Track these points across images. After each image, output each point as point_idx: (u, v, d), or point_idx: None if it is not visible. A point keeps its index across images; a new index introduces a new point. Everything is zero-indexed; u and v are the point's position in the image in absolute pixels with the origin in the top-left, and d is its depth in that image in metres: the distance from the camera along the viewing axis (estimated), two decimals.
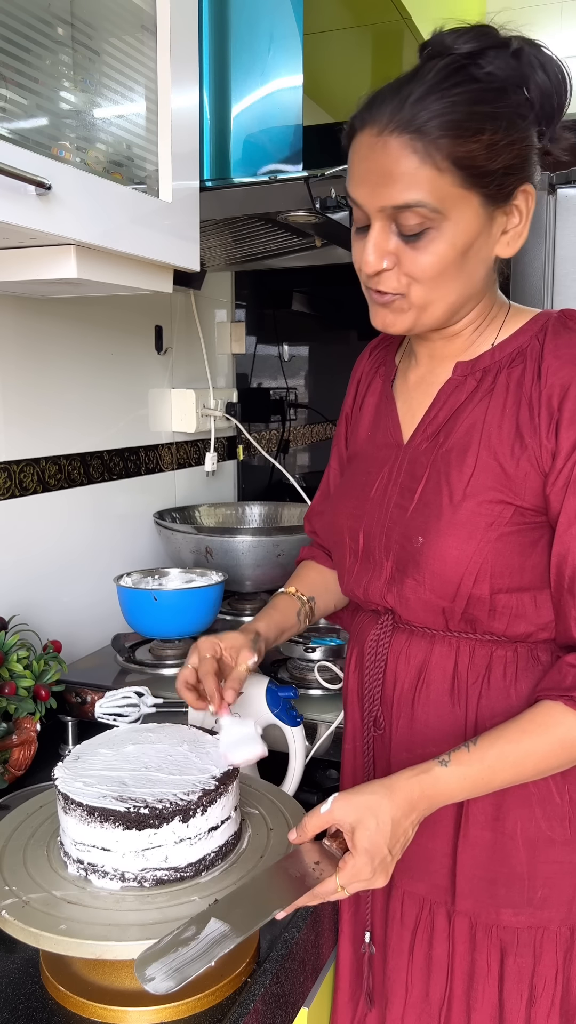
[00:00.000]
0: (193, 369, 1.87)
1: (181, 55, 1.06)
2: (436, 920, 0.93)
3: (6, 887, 0.75)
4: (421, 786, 0.77)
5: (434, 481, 0.88)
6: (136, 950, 0.68)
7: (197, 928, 0.66)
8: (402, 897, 0.95)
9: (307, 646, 1.27)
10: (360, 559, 0.95)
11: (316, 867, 0.75)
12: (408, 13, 1.64)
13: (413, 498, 0.89)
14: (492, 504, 0.84)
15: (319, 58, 1.81)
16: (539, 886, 0.88)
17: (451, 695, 0.89)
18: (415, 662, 0.91)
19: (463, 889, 0.90)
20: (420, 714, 0.90)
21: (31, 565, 1.39)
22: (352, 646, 1.02)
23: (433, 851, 0.91)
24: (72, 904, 0.73)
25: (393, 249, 0.81)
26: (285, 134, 1.32)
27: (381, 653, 0.93)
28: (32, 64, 0.88)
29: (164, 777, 0.80)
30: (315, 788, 1.12)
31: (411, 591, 0.88)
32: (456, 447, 0.87)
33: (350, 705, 1.00)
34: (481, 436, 0.86)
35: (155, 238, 1.03)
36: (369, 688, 0.94)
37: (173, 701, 1.20)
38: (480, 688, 0.88)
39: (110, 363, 1.57)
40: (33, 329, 1.36)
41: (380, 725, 0.94)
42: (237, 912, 0.69)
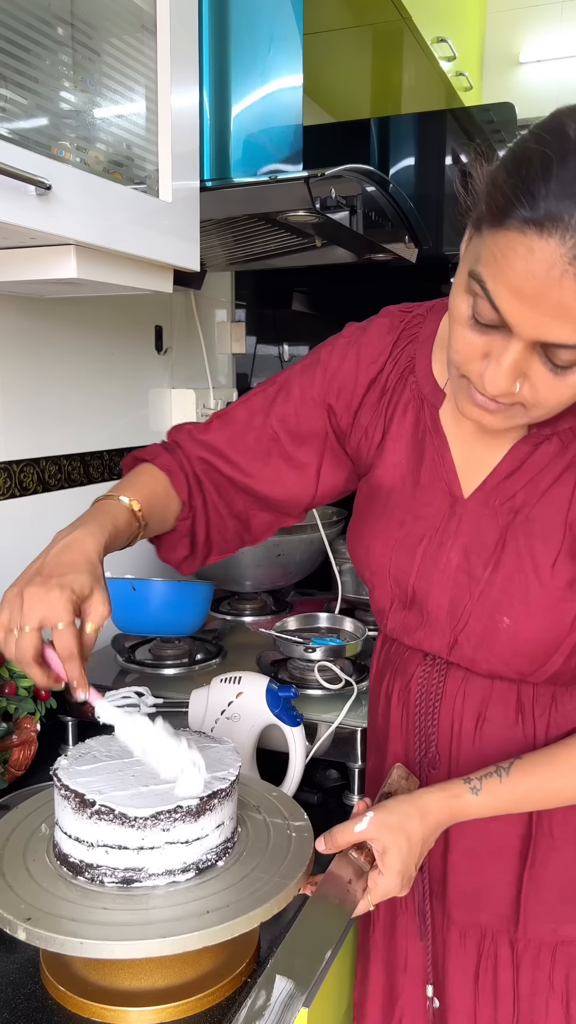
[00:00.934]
0: (193, 369, 1.87)
1: (181, 55, 1.06)
2: (499, 949, 0.91)
3: (7, 887, 0.74)
4: (451, 811, 0.79)
5: (514, 553, 0.80)
6: (136, 950, 0.68)
7: (267, 993, 0.68)
8: (462, 931, 0.92)
9: (307, 646, 1.27)
10: (407, 608, 0.89)
11: (350, 886, 0.76)
12: (408, 13, 1.64)
13: (487, 567, 0.81)
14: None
15: (319, 58, 1.81)
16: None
17: (517, 724, 0.85)
18: (474, 700, 0.86)
19: (528, 914, 0.88)
20: (485, 748, 0.86)
21: None
22: (389, 677, 0.95)
23: (496, 882, 0.90)
24: (72, 904, 0.73)
25: (529, 371, 0.68)
26: (285, 134, 1.32)
27: (433, 691, 0.89)
28: (32, 64, 0.88)
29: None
30: (315, 788, 1.12)
31: (484, 661, 0.84)
32: (539, 518, 0.80)
33: (392, 740, 0.94)
34: (569, 510, 0.79)
35: (155, 238, 1.03)
36: (421, 727, 0.90)
37: (173, 701, 1.20)
38: (548, 716, 0.85)
39: (110, 363, 1.57)
40: (33, 329, 1.36)
41: (436, 764, 0.90)
42: (297, 963, 0.71)
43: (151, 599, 1.32)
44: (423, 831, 0.77)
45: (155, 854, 0.74)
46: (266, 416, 0.94)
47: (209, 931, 0.69)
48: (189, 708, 1.11)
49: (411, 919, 0.97)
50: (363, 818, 0.77)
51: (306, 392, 0.93)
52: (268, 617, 1.61)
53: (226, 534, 0.97)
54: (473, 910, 0.91)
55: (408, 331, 0.91)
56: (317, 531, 1.60)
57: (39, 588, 0.70)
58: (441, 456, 0.86)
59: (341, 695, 1.21)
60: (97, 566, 0.74)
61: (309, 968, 0.70)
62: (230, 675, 1.10)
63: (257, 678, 1.08)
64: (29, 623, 0.69)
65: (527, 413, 0.72)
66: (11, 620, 0.71)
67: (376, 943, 1.00)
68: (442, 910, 0.93)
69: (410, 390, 0.89)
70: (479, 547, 0.82)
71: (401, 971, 0.98)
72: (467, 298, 0.69)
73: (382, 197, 1.42)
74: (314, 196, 1.17)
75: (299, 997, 0.67)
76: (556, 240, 0.60)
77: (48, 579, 0.71)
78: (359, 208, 1.30)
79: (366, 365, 0.91)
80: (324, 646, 1.27)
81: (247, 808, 0.87)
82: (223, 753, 0.84)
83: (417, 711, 0.90)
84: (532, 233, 0.60)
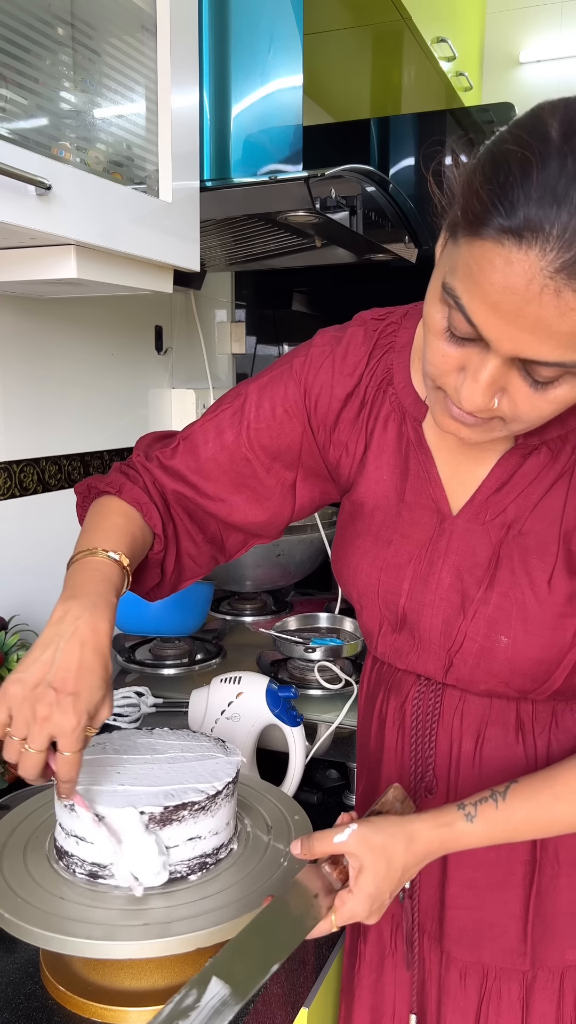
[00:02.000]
0: (193, 369, 1.87)
1: (181, 55, 1.06)
2: (503, 987, 0.85)
3: (7, 887, 0.75)
4: (441, 840, 0.73)
5: (508, 569, 0.76)
6: (136, 950, 0.68)
7: (198, 992, 0.61)
8: (462, 971, 0.86)
9: (307, 646, 1.27)
10: (398, 631, 0.85)
11: (315, 901, 0.70)
12: (408, 13, 1.64)
13: (481, 586, 0.77)
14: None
15: (319, 58, 1.81)
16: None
17: (517, 743, 0.81)
18: (472, 720, 0.82)
19: (537, 947, 0.83)
20: (485, 770, 0.82)
21: (31, 565, 1.38)
22: (381, 697, 0.90)
23: (498, 916, 0.84)
24: (72, 903, 0.73)
25: (508, 385, 0.64)
26: (285, 134, 1.32)
27: (430, 714, 0.84)
28: (32, 64, 0.88)
29: (164, 777, 0.79)
30: (315, 788, 1.12)
31: (482, 681, 0.80)
32: (533, 532, 0.76)
33: (386, 763, 0.89)
34: (562, 522, 0.76)
35: (155, 238, 1.03)
36: (417, 750, 0.86)
37: (173, 701, 1.20)
38: (548, 734, 0.81)
39: (110, 363, 1.57)
40: (33, 329, 1.36)
41: (433, 789, 0.85)
42: (239, 967, 0.64)
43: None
44: (405, 859, 0.71)
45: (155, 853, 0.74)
46: (237, 435, 0.88)
47: (209, 931, 0.70)
48: (189, 708, 1.11)
49: (400, 961, 0.91)
50: (345, 830, 0.71)
51: (278, 405, 0.88)
52: (268, 617, 1.62)
53: (200, 559, 0.93)
54: (475, 948, 0.85)
55: (383, 340, 0.86)
56: (317, 531, 1.60)
57: (51, 706, 0.68)
58: (427, 471, 0.82)
59: (341, 695, 1.21)
60: (109, 663, 0.72)
61: (250, 978, 0.63)
62: (230, 675, 1.10)
63: (257, 678, 1.08)
64: (37, 744, 0.68)
65: (506, 427, 0.68)
66: (17, 730, 0.69)
67: (361, 983, 0.95)
68: (439, 948, 0.87)
69: (390, 402, 0.85)
70: (471, 565, 0.78)
71: (388, 1017, 0.93)
72: (442, 308, 0.64)
73: (382, 197, 1.42)
74: (314, 196, 1.17)
75: (231, 1007, 0.60)
76: (536, 252, 0.55)
77: (62, 694, 0.68)
78: (359, 208, 1.30)
79: (342, 377, 0.86)
80: (324, 646, 1.27)
81: (247, 808, 0.87)
82: (218, 755, 0.84)
83: (413, 734, 0.86)
84: (510, 244, 0.56)
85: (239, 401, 0.90)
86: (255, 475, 0.90)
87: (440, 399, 0.70)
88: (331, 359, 0.87)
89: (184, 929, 0.70)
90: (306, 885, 0.71)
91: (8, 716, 0.69)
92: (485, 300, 0.59)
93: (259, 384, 0.90)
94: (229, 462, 0.89)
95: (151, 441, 0.95)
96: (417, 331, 0.86)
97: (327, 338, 0.89)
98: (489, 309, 0.59)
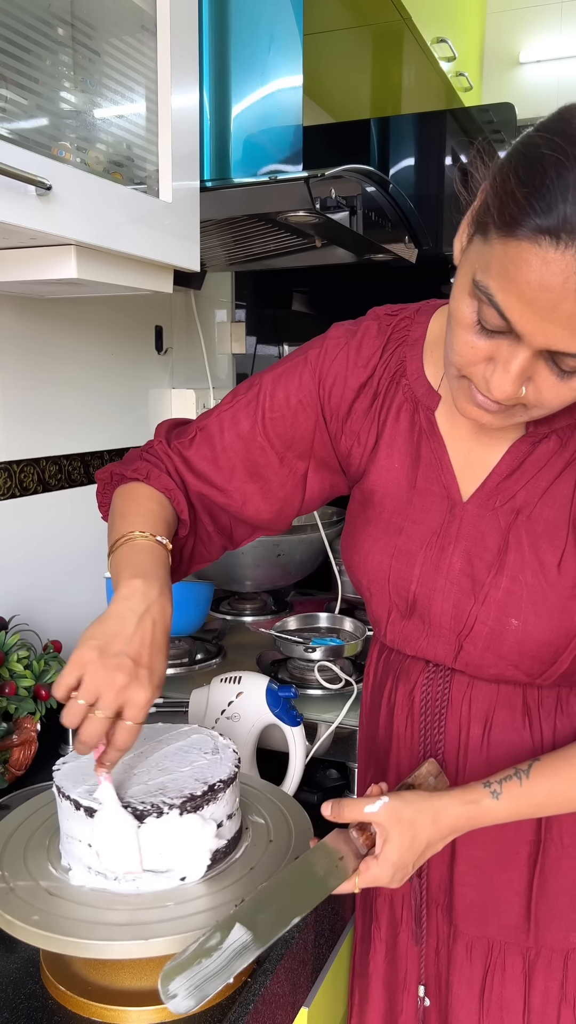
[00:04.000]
0: (193, 369, 1.87)
1: (181, 55, 1.06)
2: (508, 961, 0.88)
3: (7, 887, 0.75)
4: (468, 816, 0.76)
5: (518, 554, 0.79)
6: (136, 950, 0.68)
7: (222, 935, 0.65)
8: (469, 944, 0.90)
9: (307, 646, 1.27)
10: (407, 617, 0.87)
11: (340, 863, 0.74)
12: (408, 13, 1.64)
13: (491, 570, 0.80)
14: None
15: (319, 58, 1.81)
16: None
17: (524, 728, 0.84)
18: (480, 705, 0.85)
19: (540, 923, 0.86)
20: (493, 754, 0.85)
21: (31, 565, 1.38)
22: (390, 685, 0.92)
23: (504, 892, 0.87)
24: (72, 903, 0.73)
25: (534, 374, 0.68)
26: (285, 134, 1.32)
27: (439, 699, 0.87)
28: (32, 64, 0.88)
29: (164, 777, 0.79)
30: (315, 788, 1.12)
31: (491, 665, 0.82)
32: (543, 518, 0.79)
33: (395, 751, 0.92)
34: (571, 507, 0.78)
35: (155, 238, 1.03)
36: (426, 737, 0.88)
37: (173, 701, 1.20)
38: (555, 718, 0.83)
39: (110, 363, 1.57)
40: (33, 329, 1.36)
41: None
42: (261, 918, 0.68)
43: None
44: (431, 834, 0.75)
45: (155, 853, 0.74)
46: (252, 424, 0.91)
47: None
48: (189, 708, 1.11)
49: (411, 936, 0.95)
50: (376, 801, 0.74)
51: (292, 395, 0.90)
52: (268, 617, 1.62)
53: (211, 547, 0.96)
54: (481, 923, 0.88)
55: (396, 334, 0.89)
56: (317, 531, 1.60)
57: (129, 676, 0.71)
58: (439, 459, 0.85)
59: (341, 695, 1.21)
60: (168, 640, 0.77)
61: (271, 927, 0.67)
62: (230, 675, 1.10)
63: (257, 678, 1.08)
64: (109, 710, 0.70)
65: (527, 412, 0.72)
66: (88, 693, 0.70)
67: (376, 964, 0.98)
68: (448, 923, 0.91)
69: (403, 393, 0.87)
70: (481, 550, 0.81)
71: (402, 991, 0.96)
72: (471, 303, 0.67)
73: (382, 197, 1.42)
74: (314, 196, 1.17)
75: (252, 951, 0.65)
76: (573, 251, 0.58)
77: (140, 667, 0.72)
78: (359, 208, 1.30)
79: (356, 368, 0.89)
80: (324, 646, 1.27)
81: (247, 808, 0.87)
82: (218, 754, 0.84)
83: (423, 720, 0.88)
84: (547, 244, 0.59)
85: (254, 391, 0.92)
86: (268, 464, 0.92)
87: (464, 387, 0.73)
88: (345, 351, 0.89)
89: (184, 929, 0.70)
90: (333, 847, 0.75)
91: (77, 680, 0.71)
92: (521, 297, 0.62)
93: (274, 374, 0.92)
94: (244, 451, 0.91)
95: (169, 428, 0.97)
96: (431, 325, 0.88)
97: (342, 331, 0.91)
98: (525, 306, 0.62)
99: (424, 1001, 0.93)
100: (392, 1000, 0.97)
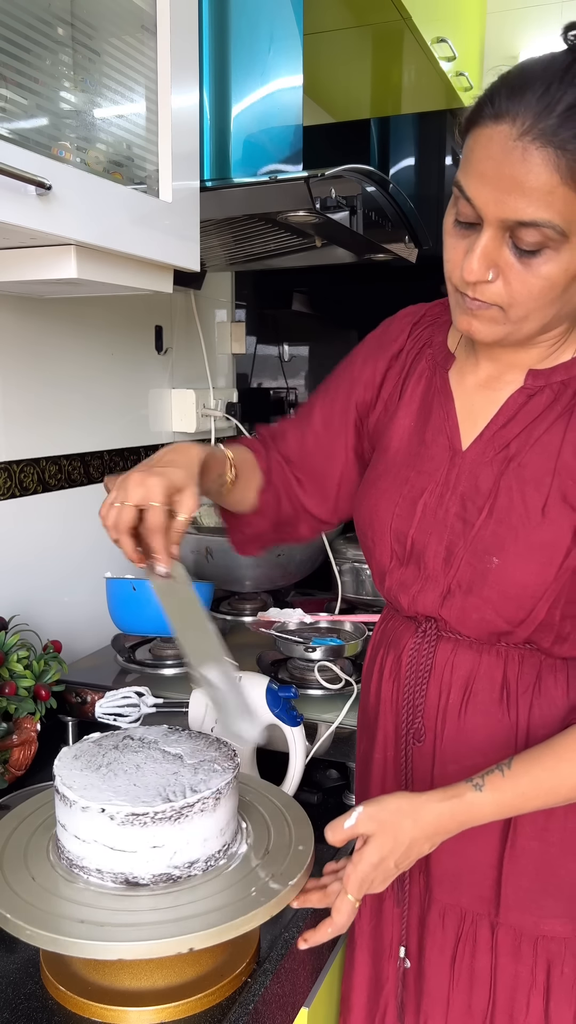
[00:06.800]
0: (193, 369, 1.87)
1: (181, 55, 1.06)
2: (479, 932, 0.91)
3: (7, 887, 0.75)
4: (452, 812, 0.77)
5: (506, 497, 0.84)
6: (136, 950, 0.68)
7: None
8: (443, 911, 0.93)
9: (307, 646, 1.27)
10: (406, 564, 0.91)
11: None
12: (408, 13, 1.64)
13: (481, 513, 0.85)
14: (572, 529, 0.81)
15: (319, 58, 1.80)
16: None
17: (501, 704, 0.87)
18: (461, 672, 0.88)
19: (508, 900, 0.89)
20: (468, 724, 0.88)
21: (31, 565, 1.39)
22: (382, 653, 0.97)
23: (477, 863, 0.90)
24: (72, 903, 0.73)
25: (500, 260, 0.75)
26: (285, 134, 1.32)
27: (423, 663, 0.90)
28: (32, 64, 0.88)
29: (164, 777, 0.79)
30: (315, 788, 1.12)
31: (474, 608, 0.85)
32: (531, 464, 0.83)
33: (383, 716, 0.96)
34: (559, 456, 0.82)
35: (155, 238, 1.03)
36: (409, 698, 0.92)
37: (173, 701, 1.20)
38: (531, 697, 0.86)
39: (110, 363, 1.58)
40: (33, 329, 1.36)
41: (421, 737, 0.91)
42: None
43: (151, 599, 1.31)
44: (414, 832, 0.76)
45: (155, 853, 0.74)
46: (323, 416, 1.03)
47: (209, 931, 0.69)
48: (189, 708, 1.11)
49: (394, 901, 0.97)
50: (352, 813, 0.76)
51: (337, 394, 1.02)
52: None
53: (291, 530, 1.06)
54: (455, 891, 0.91)
55: (429, 316, 0.98)
56: None
57: (142, 474, 0.80)
58: (446, 411, 0.91)
59: (341, 695, 1.21)
60: (195, 468, 0.85)
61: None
62: None
63: (257, 678, 1.08)
64: (129, 500, 0.79)
65: (506, 316, 0.78)
66: (116, 497, 0.81)
67: (362, 930, 1.01)
68: (426, 888, 0.94)
69: (426, 360, 0.95)
70: (474, 495, 0.86)
71: (387, 957, 0.99)
72: (452, 207, 0.78)
73: (382, 197, 1.42)
74: (314, 196, 1.17)
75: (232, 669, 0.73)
76: (506, 124, 0.71)
77: (151, 468, 0.82)
78: (359, 208, 1.30)
79: (390, 341, 0.99)
80: (324, 646, 1.27)
81: (247, 808, 0.87)
82: (218, 757, 0.84)
83: (407, 683, 0.92)
84: (491, 124, 0.72)
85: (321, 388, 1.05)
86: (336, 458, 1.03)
87: (458, 301, 0.81)
88: (383, 328, 1.02)
89: (184, 929, 0.70)
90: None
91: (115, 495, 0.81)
92: (475, 173, 0.74)
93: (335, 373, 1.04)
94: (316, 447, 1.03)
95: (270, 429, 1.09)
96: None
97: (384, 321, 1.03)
98: (479, 180, 0.73)
99: (404, 962, 0.96)
100: (377, 967, 1.00)
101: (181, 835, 0.75)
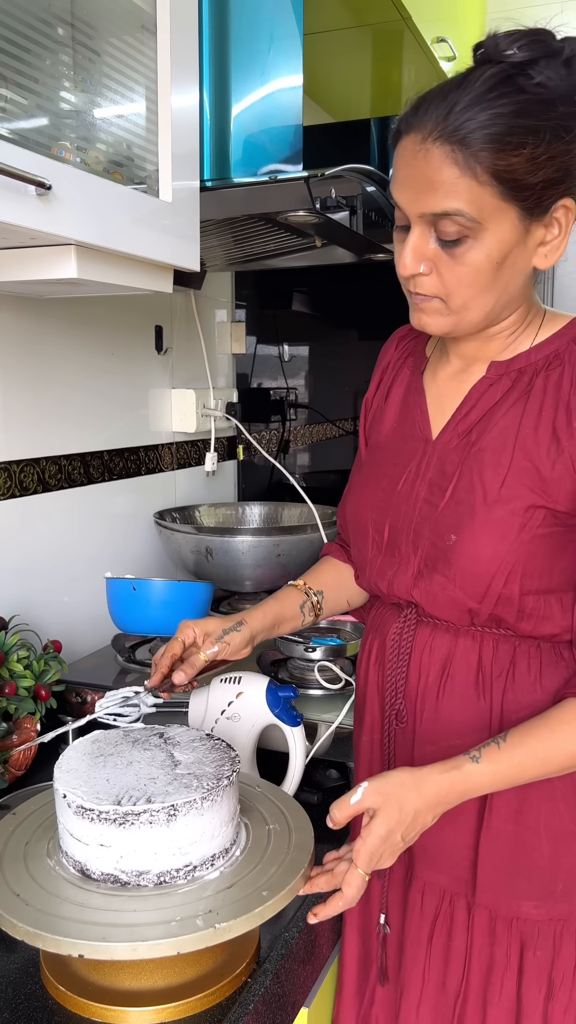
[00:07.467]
0: (193, 369, 1.87)
1: (181, 55, 1.06)
2: (456, 912, 0.94)
3: (7, 887, 0.75)
4: (451, 782, 0.80)
5: (467, 479, 0.89)
6: (136, 950, 0.68)
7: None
8: (422, 888, 0.96)
9: (307, 646, 1.27)
10: (384, 552, 0.96)
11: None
12: (408, 13, 1.64)
13: (444, 495, 0.90)
14: (526, 506, 0.85)
15: (319, 58, 1.80)
16: (561, 879, 0.89)
17: (476, 688, 0.90)
18: (439, 655, 0.92)
19: (484, 881, 0.91)
20: (445, 707, 0.91)
21: (31, 565, 1.39)
22: (371, 639, 1.01)
23: (455, 843, 0.92)
24: (72, 904, 0.73)
25: (431, 254, 0.82)
26: (285, 134, 1.32)
27: (405, 647, 0.94)
28: (32, 64, 0.88)
29: (141, 779, 0.79)
30: (315, 788, 1.12)
31: (440, 588, 0.89)
32: (490, 447, 0.88)
33: (369, 699, 1.00)
34: (516, 438, 0.87)
35: (155, 238, 1.03)
36: (392, 681, 0.95)
37: (173, 701, 1.20)
38: (505, 682, 0.89)
39: (110, 363, 1.58)
40: (33, 329, 1.36)
41: (403, 718, 0.94)
42: None
43: (151, 599, 1.32)
44: (418, 803, 0.79)
45: (155, 853, 0.74)
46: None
47: (209, 931, 0.69)
48: (189, 708, 1.11)
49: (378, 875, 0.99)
50: (358, 788, 0.79)
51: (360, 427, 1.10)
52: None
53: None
54: (434, 869, 0.94)
55: (414, 331, 1.04)
56: (317, 531, 1.60)
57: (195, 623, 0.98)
58: (419, 406, 0.98)
59: (341, 695, 1.21)
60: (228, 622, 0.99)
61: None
62: (230, 675, 1.10)
63: (257, 678, 1.08)
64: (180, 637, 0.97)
65: (448, 307, 0.85)
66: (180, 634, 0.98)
67: (352, 910, 1.01)
68: (409, 863, 0.96)
69: (408, 367, 1.03)
70: (440, 479, 0.91)
71: (374, 935, 1.01)
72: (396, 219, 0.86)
73: (382, 197, 1.42)
74: (314, 196, 1.17)
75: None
76: (414, 132, 0.79)
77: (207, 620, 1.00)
78: (359, 208, 1.30)
79: (380, 361, 1.07)
80: (324, 646, 1.27)
81: (247, 808, 0.87)
82: (217, 757, 0.84)
83: (391, 666, 0.95)
84: (404, 137, 0.81)
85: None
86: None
87: (409, 300, 0.89)
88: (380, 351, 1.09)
89: (184, 929, 0.69)
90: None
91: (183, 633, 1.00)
92: (396, 179, 0.83)
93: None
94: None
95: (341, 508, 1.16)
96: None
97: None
98: (399, 185, 0.82)
99: (385, 928, 0.99)
100: (365, 945, 1.02)
101: (128, 841, 0.74)
